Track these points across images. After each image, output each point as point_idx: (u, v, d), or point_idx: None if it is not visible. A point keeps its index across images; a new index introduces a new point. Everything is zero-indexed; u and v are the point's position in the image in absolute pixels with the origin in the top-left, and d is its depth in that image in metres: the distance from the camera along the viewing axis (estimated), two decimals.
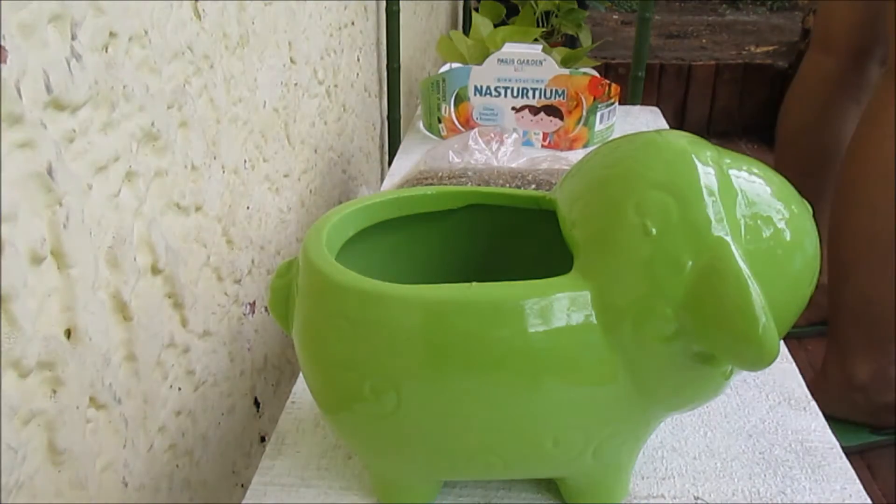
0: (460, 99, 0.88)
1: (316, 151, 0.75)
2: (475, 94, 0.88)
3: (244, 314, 0.57)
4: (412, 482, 0.36)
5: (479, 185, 0.58)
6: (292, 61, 0.65)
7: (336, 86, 0.81)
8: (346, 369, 0.31)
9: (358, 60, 0.92)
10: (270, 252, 0.63)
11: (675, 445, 0.42)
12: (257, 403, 0.61)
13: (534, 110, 0.87)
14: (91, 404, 0.36)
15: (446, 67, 0.95)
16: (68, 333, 0.34)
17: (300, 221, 0.71)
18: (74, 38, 0.33)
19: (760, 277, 0.28)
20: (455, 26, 1.82)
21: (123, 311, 0.39)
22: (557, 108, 0.86)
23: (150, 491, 0.43)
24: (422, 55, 1.37)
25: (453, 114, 0.89)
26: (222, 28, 0.50)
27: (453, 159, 0.71)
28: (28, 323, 0.31)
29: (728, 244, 0.29)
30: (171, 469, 0.46)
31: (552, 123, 0.87)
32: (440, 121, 0.90)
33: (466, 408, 0.30)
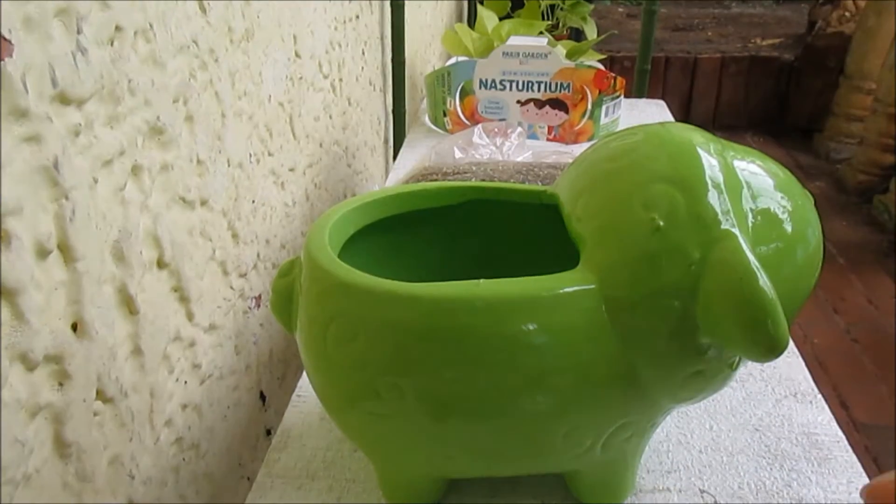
0: (465, 92, 0.88)
1: (321, 145, 0.75)
2: (480, 88, 0.88)
3: (250, 308, 0.57)
4: (418, 480, 0.36)
5: (484, 181, 0.57)
6: (297, 55, 0.65)
7: (341, 80, 0.81)
8: (352, 369, 0.31)
9: (363, 54, 0.92)
10: (276, 246, 0.63)
11: (681, 439, 0.42)
12: (263, 397, 0.61)
13: (539, 104, 0.87)
14: (98, 398, 0.37)
15: (452, 61, 0.95)
16: (75, 327, 0.34)
17: (305, 215, 0.71)
18: (80, 33, 0.33)
19: (766, 269, 0.28)
20: (460, 20, 1.82)
21: (129, 305, 0.39)
22: (563, 102, 0.86)
23: (157, 484, 0.44)
24: (427, 49, 1.37)
25: (458, 107, 0.89)
26: (227, 22, 0.50)
27: (458, 155, 0.71)
28: (35, 316, 0.31)
29: (735, 236, 0.29)
30: (178, 462, 0.46)
31: (557, 117, 0.87)
32: (445, 114, 0.90)
33: (474, 406, 0.30)
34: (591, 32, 1.41)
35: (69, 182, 0.33)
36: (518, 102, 0.87)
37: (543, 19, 1.40)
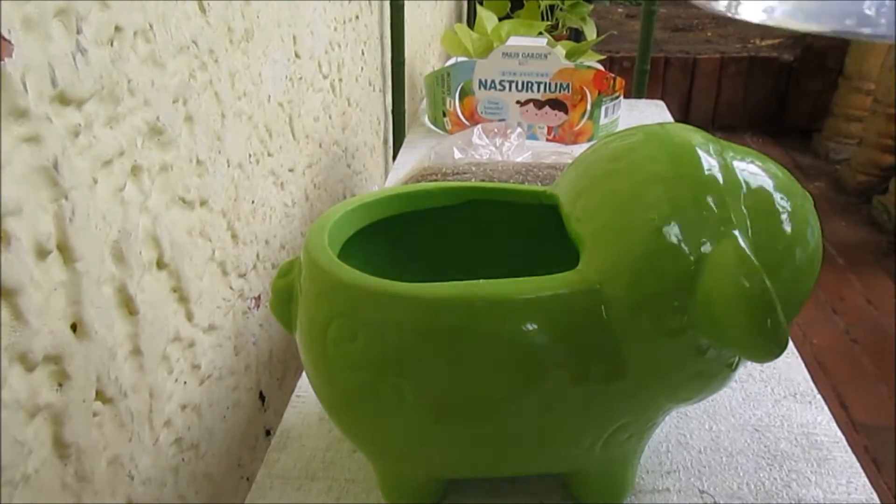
0: (465, 93, 0.88)
1: (320, 146, 0.75)
2: (480, 88, 0.88)
3: (249, 308, 0.57)
4: (418, 481, 0.36)
5: (483, 181, 0.57)
6: (297, 55, 0.65)
7: (341, 80, 0.81)
8: (352, 369, 0.31)
9: (362, 55, 0.92)
10: (275, 246, 0.63)
11: (681, 439, 0.42)
12: (262, 397, 0.61)
13: (538, 104, 0.87)
14: (97, 398, 0.37)
15: (451, 61, 0.95)
16: (74, 327, 0.34)
17: (305, 216, 0.71)
18: (80, 33, 0.33)
19: (765, 269, 0.28)
20: (460, 20, 1.82)
21: (129, 306, 0.39)
22: (562, 102, 0.86)
23: (156, 484, 0.43)
24: (426, 49, 1.37)
25: (458, 108, 0.89)
26: (227, 22, 0.50)
27: (457, 155, 0.71)
28: (34, 317, 0.31)
29: (735, 236, 0.29)
30: (177, 463, 0.46)
31: (557, 117, 0.87)
32: (445, 115, 0.90)
33: (474, 406, 0.30)
34: (591, 33, 1.41)
35: (69, 182, 0.33)
36: (517, 103, 0.87)
37: (543, 20, 1.40)
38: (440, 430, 0.31)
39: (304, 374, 0.47)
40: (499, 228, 0.40)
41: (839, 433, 0.42)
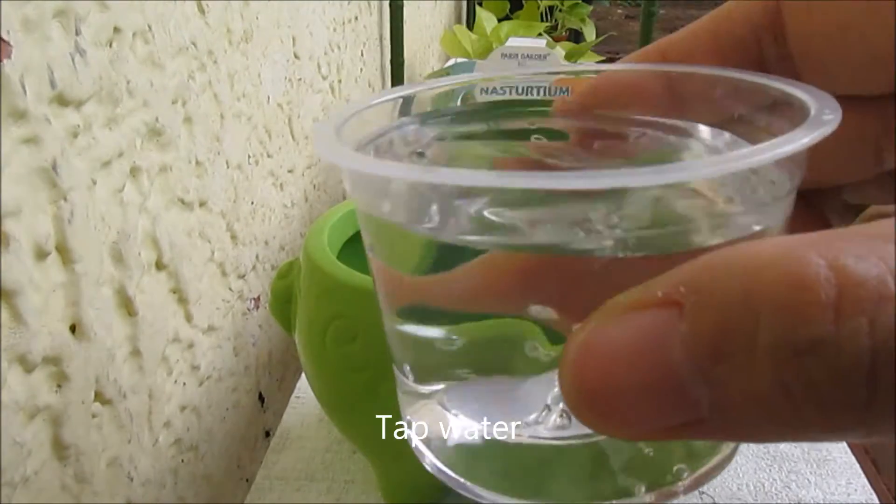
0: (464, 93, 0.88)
1: None
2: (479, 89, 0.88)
3: (248, 309, 0.57)
4: (417, 482, 0.36)
5: None
6: (296, 56, 0.65)
7: (340, 81, 0.81)
8: (351, 370, 0.31)
9: (362, 55, 0.92)
10: (274, 248, 0.63)
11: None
12: (262, 398, 0.61)
13: None
14: (96, 399, 0.37)
15: (451, 62, 0.95)
16: (73, 328, 0.34)
17: (304, 217, 0.71)
18: (78, 34, 0.33)
19: None
20: (459, 21, 1.82)
21: (128, 307, 0.39)
22: None
23: (156, 486, 0.43)
24: (426, 50, 1.37)
25: None
26: (226, 23, 0.50)
27: None
28: (33, 318, 0.31)
29: None
30: (177, 464, 0.46)
31: None
32: None
33: None
34: (590, 34, 1.41)
35: (68, 183, 0.33)
36: None
37: (542, 21, 1.40)
38: None
39: (304, 375, 0.47)
40: None
41: None
